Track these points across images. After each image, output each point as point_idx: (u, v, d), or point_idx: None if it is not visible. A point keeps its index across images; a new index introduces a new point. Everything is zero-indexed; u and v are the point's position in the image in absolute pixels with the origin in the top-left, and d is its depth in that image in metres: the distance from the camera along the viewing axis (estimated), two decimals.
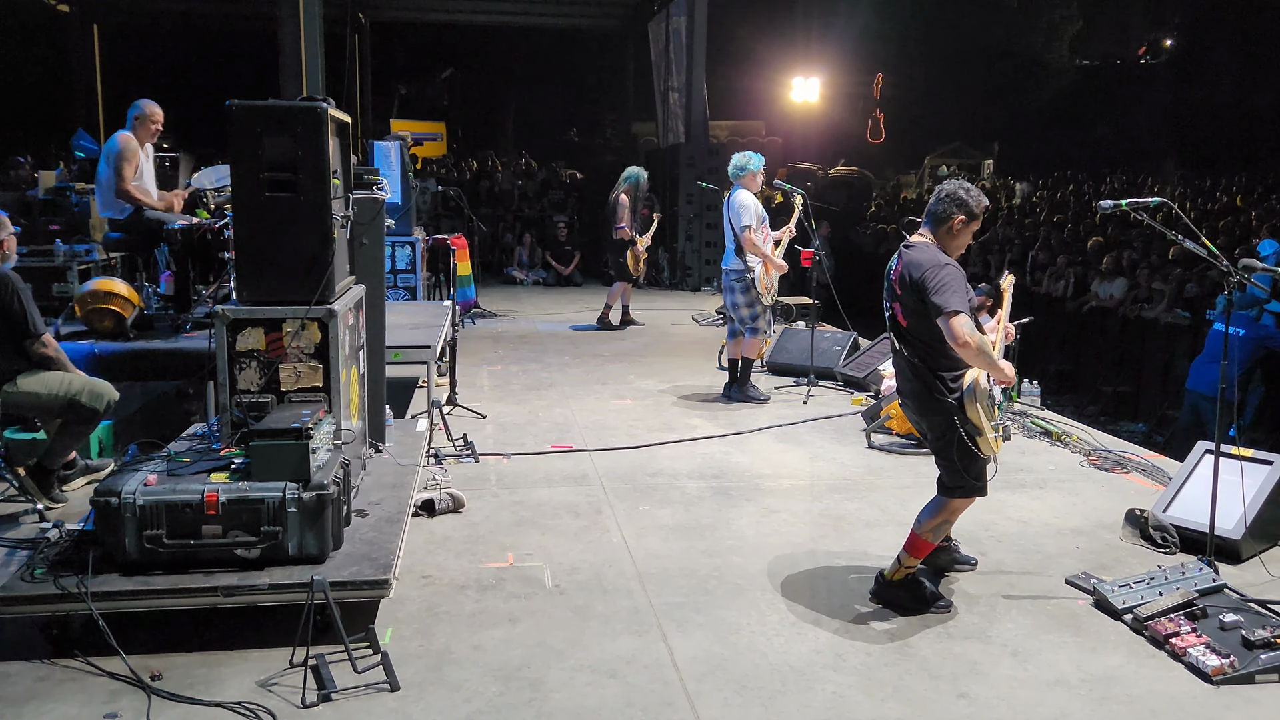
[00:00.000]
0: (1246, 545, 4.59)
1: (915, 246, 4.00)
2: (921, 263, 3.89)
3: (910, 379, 4.06)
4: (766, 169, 7.79)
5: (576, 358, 9.61)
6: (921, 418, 4.10)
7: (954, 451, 3.94)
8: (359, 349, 4.88)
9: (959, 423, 3.88)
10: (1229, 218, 15.95)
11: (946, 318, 3.76)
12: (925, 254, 3.93)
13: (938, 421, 3.98)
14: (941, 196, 4.03)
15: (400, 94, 28.21)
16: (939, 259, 3.90)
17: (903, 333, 4.02)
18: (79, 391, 4.79)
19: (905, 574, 4.10)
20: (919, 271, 3.86)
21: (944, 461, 4.02)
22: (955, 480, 3.99)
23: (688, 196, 15.17)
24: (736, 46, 25.77)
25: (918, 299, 3.88)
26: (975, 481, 3.99)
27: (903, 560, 4.10)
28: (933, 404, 3.96)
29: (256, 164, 4.15)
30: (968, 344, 3.74)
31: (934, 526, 4.04)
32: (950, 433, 3.92)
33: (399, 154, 9.86)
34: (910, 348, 4.00)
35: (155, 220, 6.21)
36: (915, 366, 3.99)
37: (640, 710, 3.31)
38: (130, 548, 3.61)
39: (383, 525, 4.13)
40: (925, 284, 3.81)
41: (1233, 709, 3.38)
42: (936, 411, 3.97)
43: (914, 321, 3.96)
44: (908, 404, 4.18)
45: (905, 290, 3.93)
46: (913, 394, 4.08)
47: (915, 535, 4.07)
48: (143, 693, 3.32)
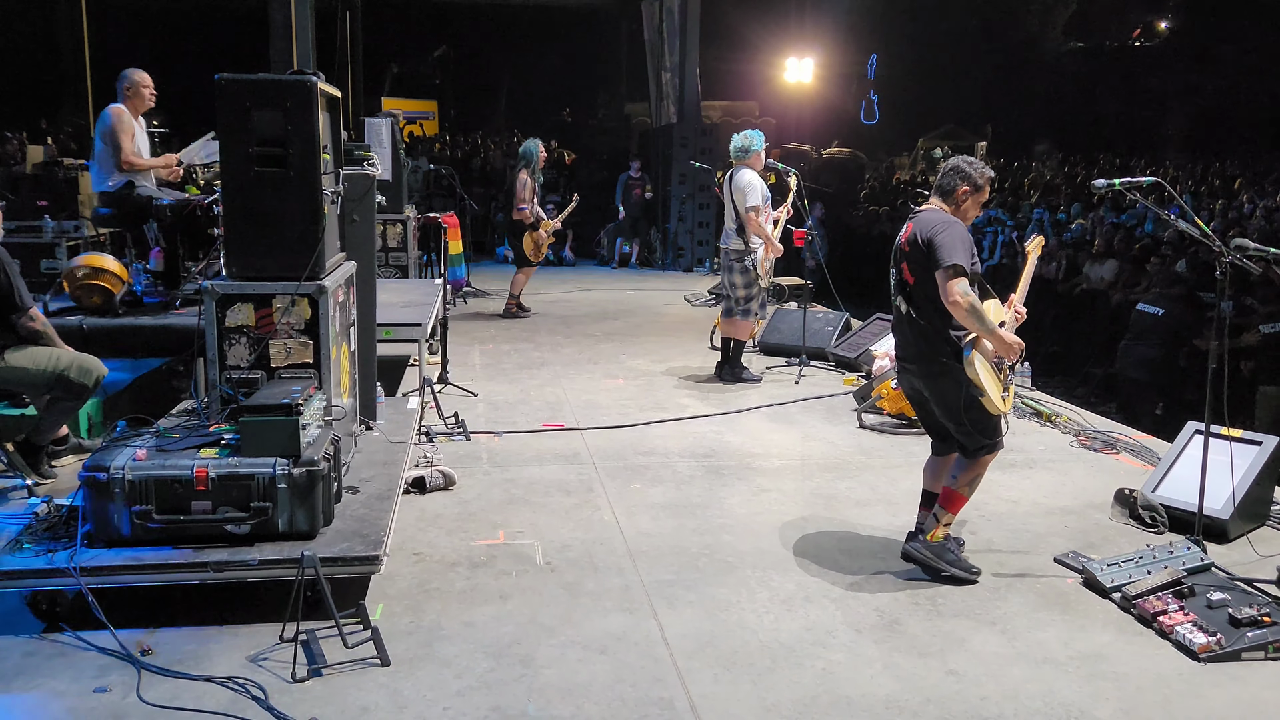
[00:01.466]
0: (1234, 525, 4.62)
1: (927, 210, 4.11)
2: (935, 220, 4.00)
3: (914, 341, 4.10)
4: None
5: (568, 337, 9.60)
6: (926, 381, 4.13)
7: (963, 414, 4.00)
8: (350, 326, 4.86)
9: (964, 382, 3.93)
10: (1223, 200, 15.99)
11: (945, 271, 3.84)
12: (936, 215, 4.06)
13: (943, 385, 4.03)
14: (946, 171, 4.17)
15: (392, 72, 28.01)
16: (949, 218, 4.03)
17: (910, 291, 4.08)
18: (67, 367, 4.76)
19: (944, 532, 4.18)
20: (929, 228, 3.97)
21: (957, 426, 4.07)
22: (973, 442, 4.07)
23: (680, 177, 15.12)
24: (730, 27, 25.60)
25: (925, 255, 3.94)
26: (991, 439, 4.08)
27: (940, 517, 4.16)
28: (937, 365, 4.02)
29: (246, 139, 4.11)
30: (958, 302, 3.82)
31: (968, 481, 4.13)
32: (957, 394, 3.99)
33: (390, 131, 9.79)
34: (916, 307, 4.06)
35: (145, 196, 6.17)
36: (920, 326, 4.04)
37: (630, 686, 3.32)
38: (120, 523, 3.60)
39: (374, 502, 4.12)
40: (933, 239, 3.91)
41: (1219, 686, 3.40)
42: (941, 373, 4.01)
43: (921, 278, 4.01)
44: (911, 369, 4.19)
45: (914, 248, 4.01)
46: (918, 356, 4.11)
47: (950, 490, 4.15)
48: (132, 667, 3.32)
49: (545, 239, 10.39)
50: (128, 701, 3.15)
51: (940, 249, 3.89)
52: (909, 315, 4.10)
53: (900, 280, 4.14)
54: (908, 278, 4.09)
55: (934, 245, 3.91)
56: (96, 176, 6.35)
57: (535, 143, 10.41)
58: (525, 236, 10.25)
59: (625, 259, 15.69)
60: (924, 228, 4.00)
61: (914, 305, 4.08)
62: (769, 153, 7.84)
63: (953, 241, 3.90)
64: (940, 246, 3.89)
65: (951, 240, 3.90)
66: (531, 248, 10.29)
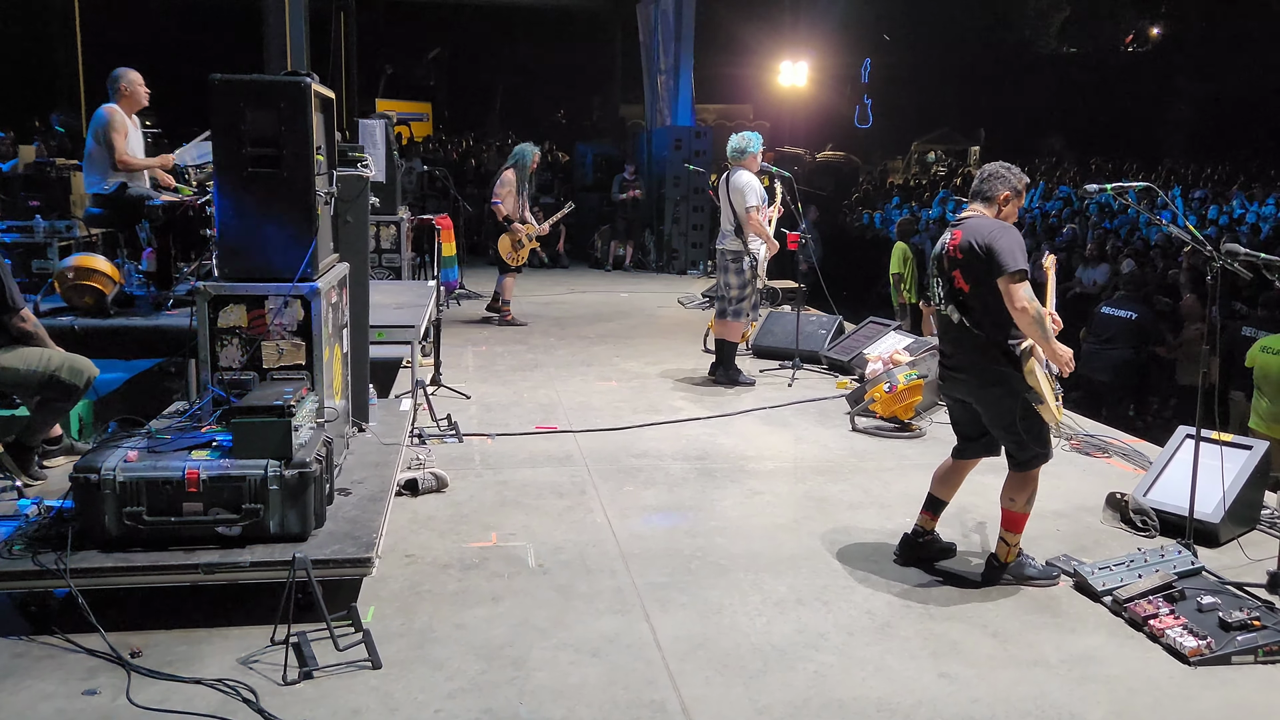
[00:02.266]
0: (1225, 529, 4.63)
1: (973, 217, 4.08)
2: (988, 227, 3.97)
3: (968, 350, 4.06)
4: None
5: (562, 339, 9.60)
6: (979, 390, 4.10)
7: (1018, 423, 3.99)
8: (342, 327, 4.85)
9: (1020, 389, 3.92)
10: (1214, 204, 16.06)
11: (1009, 278, 3.83)
12: (987, 221, 4.03)
13: (999, 394, 4.01)
14: (985, 177, 4.16)
15: (387, 73, 27.97)
16: (1004, 224, 4.02)
17: (963, 300, 4.03)
18: (58, 367, 4.74)
19: (1015, 552, 4.18)
20: (985, 234, 3.93)
21: (1010, 436, 4.06)
22: (1025, 453, 4.06)
23: (675, 179, 15.13)
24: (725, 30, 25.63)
25: (984, 262, 3.91)
26: (1043, 449, 4.08)
27: (1007, 539, 4.17)
28: (993, 373, 3.99)
29: (239, 139, 4.11)
30: (1025, 309, 3.82)
31: (1025, 499, 4.13)
32: (1013, 403, 3.97)
33: (384, 133, 9.78)
34: (970, 315, 4.02)
35: (137, 196, 6.15)
36: (974, 335, 4.00)
37: (622, 689, 3.32)
38: (110, 524, 3.59)
39: (366, 504, 4.12)
40: (993, 245, 3.88)
41: (1209, 689, 3.41)
42: (995, 381, 3.99)
43: (976, 287, 3.98)
44: (962, 379, 4.16)
45: (968, 255, 3.97)
46: (970, 366, 4.08)
47: (1010, 512, 4.14)
48: (122, 670, 3.30)
49: (525, 243, 10.19)
50: (117, 704, 3.14)
51: (1002, 254, 3.85)
52: (961, 324, 4.04)
53: (952, 289, 4.07)
54: (962, 286, 4.02)
55: (994, 251, 3.87)
56: (89, 177, 6.33)
57: (530, 147, 10.32)
58: (501, 236, 10.11)
59: (619, 261, 15.69)
60: (978, 234, 3.96)
61: (967, 313, 4.02)
62: (765, 156, 7.86)
63: (1013, 247, 3.88)
64: (1002, 252, 3.86)
65: (1012, 245, 3.88)
66: (508, 248, 10.10)
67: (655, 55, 17.24)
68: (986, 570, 4.23)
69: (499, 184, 10.10)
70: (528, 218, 10.25)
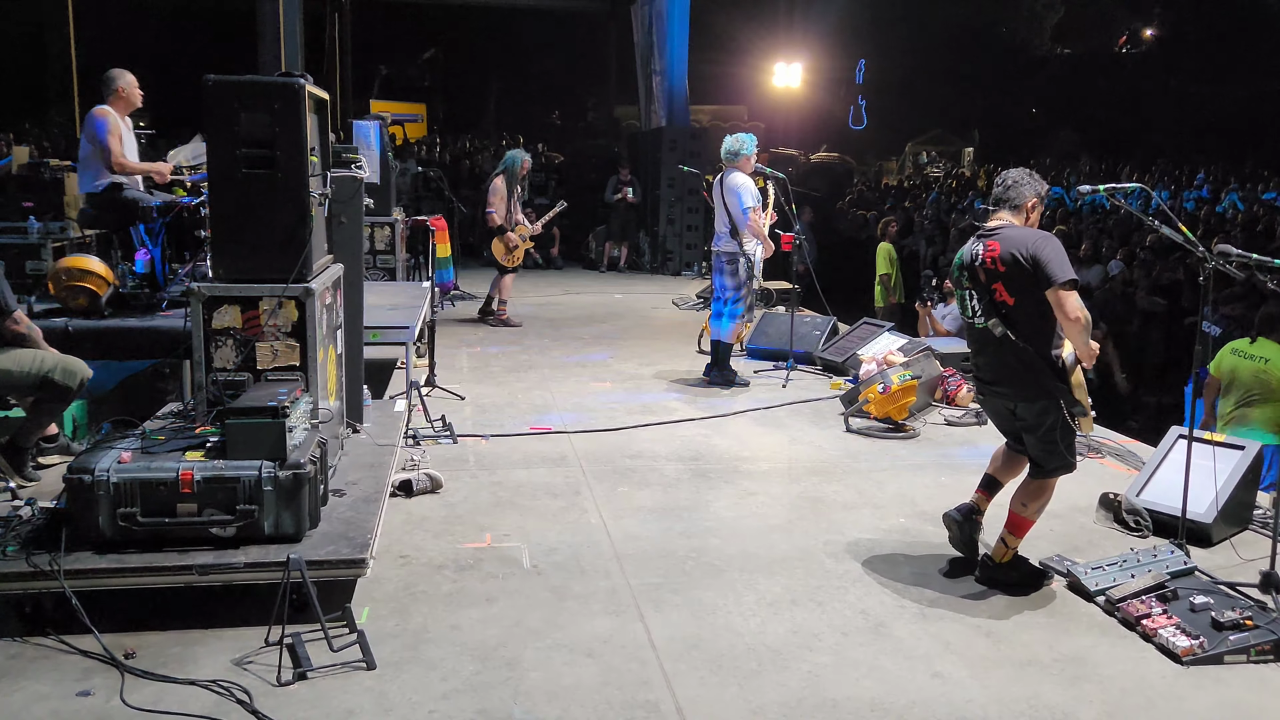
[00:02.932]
0: (1217, 529, 4.65)
1: (1007, 227, 4.04)
2: (1030, 237, 3.94)
3: (1012, 363, 4.01)
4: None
5: (556, 340, 9.60)
6: (1020, 402, 4.06)
7: (1057, 433, 3.98)
8: (336, 328, 4.85)
9: (1065, 404, 3.92)
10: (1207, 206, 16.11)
11: (1062, 288, 3.81)
12: (1025, 231, 4.00)
13: (1040, 406, 3.99)
14: (1010, 184, 4.13)
15: (381, 74, 27.97)
16: (1044, 233, 3.98)
17: (1007, 313, 3.99)
18: (52, 369, 4.73)
19: (1012, 554, 4.18)
20: (1029, 245, 3.90)
21: (1044, 444, 4.04)
22: (1055, 461, 4.06)
23: (669, 180, 15.13)
24: (719, 31, 25.69)
25: (1030, 273, 3.88)
26: (1071, 459, 4.09)
27: (1007, 541, 4.17)
28: (1036, 387, 3.97)
29: (233, 140, 4.11)
30: (1079, 318, 3.80)
31: (1037, 507, 4.13)
32: (1056, 415, 3.96)
33: (378, 134, 9.77)
34: (1014, 328, 3.97)
35: (131, 198, 6.14)
36: (1019, 349, 3.96)
37: (616, 689, 3.32)
38: (104, 525, 3.58)
39: (360, 505, 4.11)
40: (1039, 255, 3.86)
41: (1202, 689, 3.42)
42: (1040, 394, 3.97)
43: (1021, 298, 3.94)
44: (1006, 392, 4.10)
45: (1011, 267, 3.93)
46: (1012, 379, 4.04)
47: (1019, 517, 4.14)
48: (116, 671, 3.30)
49: (519, 244, 10.23)
50: (111, 705, 3.13)
51: (1051, 264, 3.82)
52: (1005, 337, 3.98)
53: (993, 302, 4.01)
54: (1006, 299, 3.97)
55: (1041, 262, 3.84)
56: (83, 178, 6.31)
57: (520, 153, 10.40)
58: (494, 241, 10.16)
59: (614, 262, 15.70)
60: (1020, 245, 3.91)
61: (1013, 326, 3.97)
62: (759, 157, 7.87)
63: (1060, 256, 3.85)
64: (1050, 262, 3.83)
65: (1059, 255, 3.85)
66: (502, 252, 10.16)
67: (649, 56, 17.26)
68: (981, 569, 4.24)
69: (490, 192, 10.17)
70: (520, 220, 10.28)
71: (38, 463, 5.02)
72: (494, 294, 10.52)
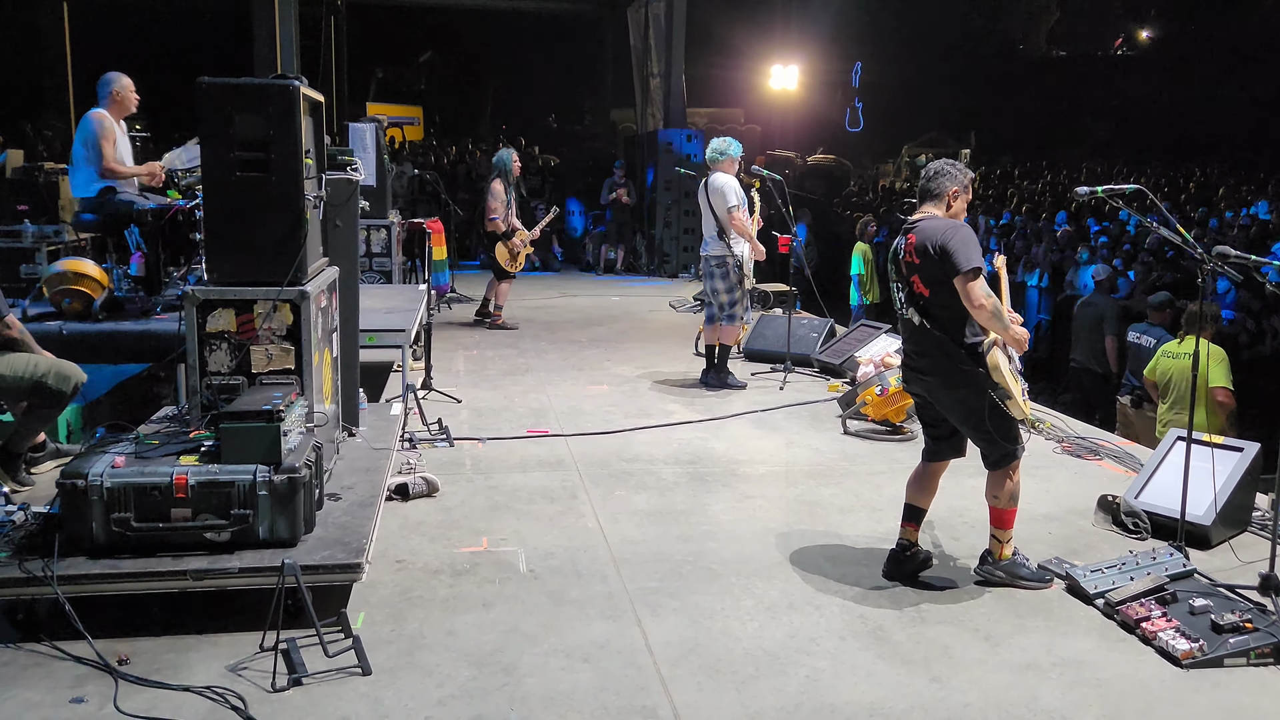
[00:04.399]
0: (1216, 531, 4.63)
1: (926, 219, 4.07)
2: (938, 228, 3.97)
3: (933, 354, 4.06)
4: (745, 156, 7.79)
5: (553, 343, 9.58)
6: (947, 392, 4.10)
7: (987, 421, 3.99)
8: (332, 332, 4.83)
9: (988, 388, 3.93)
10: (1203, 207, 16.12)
11: (964, 277, 3.84)
12: (939, 222, 4.03)
13: (966, 394, 4.01)
14: (932, 175, 4.15)
15: (377, 77, 27.94)
16: (953, 222, 4.02)
17: (924, 304, 4.04)
18: (45, 374, 4.71)
19: (1009, 549, 4.20)
20: (938, 236, 3.93)
21: (980, 435, 4.06)
22: (996, 451, 4.07)
23: (665, 183, 15.12)
24: (715, 33, 25.67)
25: (939, 263, 3.91)
26: (1014, 446, 4.08)
27: (999, 536, 4.18)
28: (959, 375, 3.99)
29: (228, 143, 4.09)
30: (983, 305, 3.82)
31: (1007, 496, 4.13)
32: (980, 401, 3.97)
33: (374, 137, 9.76)
34: (932, 319, 4.02)
35: (125, 201, 6.11)
36: (937, 339, 4.01)
37: (614, 695, 3.30)
38: (97, 531, 3.56)
39: (355, 509, 4.09)
40: (946, 244, 3.89)
41: (1201, 692, 3.41)
42: (963, 383, 4.00)
43: (935, 289, 3.98)
44: (929, 381, 4.15)
45: (924, 259, 3.97)
46: (936, 369, 4.08)
47: (996, 510, 4.15)
48: (110, 677, 3.27)
49: (521, 249, 10.21)
50: (105, 712, 3.11)
51: (956, 254, 3.86)
52: (922, 326, 4.05)
53: (912, 293, 4.07)
54: (921, 290, 4.03)
55: (948, 251, 3.88)
56: (76, 181, 6.29)
57: (509, 152, 10.33)
58: (498, 246, 10.13)
59: (610, 265, 15.68)
60: (931, 236, 3.96)
61: (928, 316, 4.03)
62: (755, 160, 7.87)
63: (966, 245, 3.88)
64: (955, 252, 3.86)
65: (964, 243, 3.88)
66: (506, 257, 10.13)
67: (646, 59, 17.25)
68: (981, 566, 4.23)
69: (490, 197, 10.13)
70: (515, 224, 10.26)
71: (30, 472, 4.99)
72: (489, 297, 10.50)
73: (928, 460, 4.33)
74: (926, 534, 4.54)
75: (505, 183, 10.14)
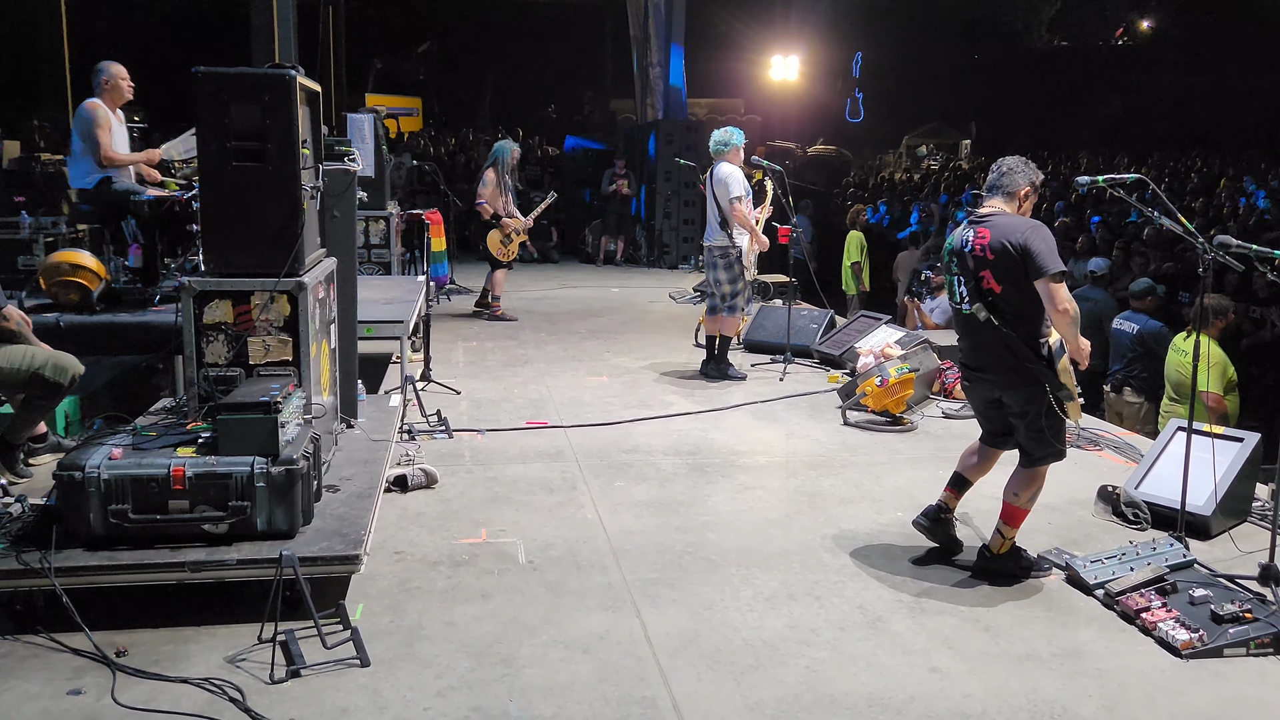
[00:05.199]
0: (1216, 521, 4.63)
1: (999, 214, 4.03)
2: (1019, 226, 3.93)
3: (996, 350, 4.02)
4: (745, 148, 7.76)
5: (553, 334, 9.57)
6: (1007, 390, 4.07)
7: (1043, 420, 3.98)
8: (330, 323, 4.81)
9: (1050, 389, 3.91)
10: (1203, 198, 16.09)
11: (1050, 279, 3.80)
12: (1017, 220, 3.98)
13: (1026, 392, 3.99)
14: (1005, 171, 4.10)
15: (376, 68, 27.87)
16: (1033, 221, 3.97)
17: (994, 300, 3.99)
18: (42, 365, 4.69)
19: (1009, 545, 4.18)
20: (1019, 234, 3.89)
21: (1031, 432, 4.04)
22: (1043, 449, 4.05)
23: (665, 174, 15.09)
24: (715, 24, 25.62)
25: (1019, 263, 3.87)
26: (1061, 447, 4.07)
27: (1004, 532, 4.16)
28: (1022, 373, 3.97)
29: (224, 133, 4.07)
30: (1067, 310, 3.80)
31: (1029, 496, 4.12)
32: (1040, 401, 3.95)
33: (373, 127, 9.73)
34: (1000, 315, 3.97)
35: (122, 192, 6.09)
36: (1004, 336, 3.96)
37: (613, 685, 3.29)
38: (95, 522, 3.55)
39: (354, 501, 4.08)
40: (1029, 244, 3.84)
41: (1201, 682, 3.40)
42: (1026, 381, 3.97)
43: (1009, 287, 3.94)
44: (986, 378, 4.12)
45: (1001, 255, 3.92)
46: (998, 365, 4.04)
47: (1012, 507, 4.14)
48: (107, 669, 3.27)
49: (513, 237, 10.19)
50: (102, 703, 3.10)
51: (1041, 256, 3.81)
52: (989, 323, 3.98)
53: (979, 288, 4.01)
54: (993, 286, 3.97)
55: (1032, 252, 3.83)
56: (74, 172, 6.27)
57: (507, 143, 10.35)
58: (490, 234, 10.12)
59: (610, 256, 15.66)
60: (1010, 234, 3.90)
61: (998, 313, 3.97)
62: (755, 150, 7.84)
63: (1050, 247, 3.84)
64: (1041, 254, 3.82)
65: (1048, 245, 3.84)
66: (497, 245, 10.12)
67: (646, 49, 17.20)
68: (979, 560, 4.23)
69: (481, 184, 10.16)
70: (513, 212, 10.24)
71: (28, 463, 4.98)
72: (488, 287, 10.49)
73: (985, 443, 4.33)
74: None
75: (498, 171, 10.13)
